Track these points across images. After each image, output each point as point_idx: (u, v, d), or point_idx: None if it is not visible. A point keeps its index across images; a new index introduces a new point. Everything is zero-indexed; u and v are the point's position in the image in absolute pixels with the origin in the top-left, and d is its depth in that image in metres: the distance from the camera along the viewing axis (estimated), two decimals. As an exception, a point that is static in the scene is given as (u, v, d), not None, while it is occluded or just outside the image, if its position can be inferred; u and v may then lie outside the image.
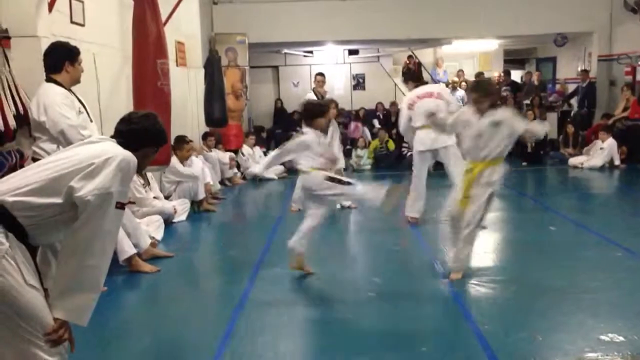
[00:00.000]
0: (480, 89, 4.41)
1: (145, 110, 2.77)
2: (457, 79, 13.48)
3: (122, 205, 2.37)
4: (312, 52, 14.75)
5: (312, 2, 11.57)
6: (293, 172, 7.86)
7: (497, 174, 4.31)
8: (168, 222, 6.24)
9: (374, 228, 6.33)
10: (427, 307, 3.97)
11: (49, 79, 4.08)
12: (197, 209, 7.15)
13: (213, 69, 9.36)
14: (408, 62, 15.13)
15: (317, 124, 4.49)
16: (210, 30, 11.08)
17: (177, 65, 8.02)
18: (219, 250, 5.90)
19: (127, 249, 4.68)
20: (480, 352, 3.18)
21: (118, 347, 3.46)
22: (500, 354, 3.13)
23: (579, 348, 3.19)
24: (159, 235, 5.72)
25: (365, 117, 13.23)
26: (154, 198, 6.23)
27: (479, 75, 13.12)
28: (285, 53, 14.52)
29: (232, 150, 9.75)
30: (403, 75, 14.33)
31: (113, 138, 2.55)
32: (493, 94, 4.44)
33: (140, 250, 4.88)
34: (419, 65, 14.64)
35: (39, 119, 4.00)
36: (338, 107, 6.47)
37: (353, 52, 14.85)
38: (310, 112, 4.55)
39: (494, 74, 14.75)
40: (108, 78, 5.79)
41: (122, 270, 4.69)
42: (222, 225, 6.97)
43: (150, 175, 6.33)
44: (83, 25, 5.31)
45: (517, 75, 15.39)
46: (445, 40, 13.30)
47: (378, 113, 13.32)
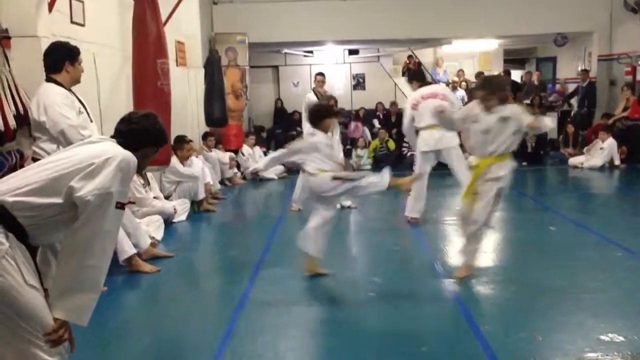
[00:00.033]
0: (487, 87, 4.36)
1: (146, 110, 2.77)
2: (457, 79, 13.48)
3: (122, 205, 2.37)
4: (312, 52, 14.74)
5: (312, 2, 11.57)
6: (293, 172, 7.87)
7: (504, 170, 4.29)
8: (168, 222, 6.24)
9: (374, 228, 6.34)
10: (427, 307, 3.96)
11: (49, 79, 4.08)
12: (197, 209, 7.15)
13: (213, 69, 9.36)
14: (408, 62, 15.15)
15: (324, 125, 4.44)
16: (210, 30, 11.08)
17: (177, 65, 8.02)
18: (219, 250, 5.90)
19: (127, 249, 4.69)
20: (480, 352, 3.18)
21: (118, 347, 3.46)
22: (500, 354, 3.13)
23: (579, 348, 3.19)
24: (159, 235, 5.72)
25: (365, 117, 13.22)
26: (154, 198, 6.23)
27: (479, 75, 13.11)
28: (285, 53, 14.52)
29: (232, 150, 9.76)
30: (407, 75, 14.33)
31: (113, 138, 2.55)
32: (501, 90, 4.36)
33: (140, 250, 4.88)
34: (419, 65, 14.64)
35: (39, 119, 4.00)
36: (337, 103, 6.45)
37: (353, 52, 14.84)
38: (318, 113, 4.50)
39: (494, 74, 14.72)
40: (108, 78, 5.79)
41: (122, 270, 4.69)
42: (222, 225, 6.97)
43: (150, 175, 6.33)
44: (83, 25, 5.31)
45: (517, 75, 15.37)
46: (445, 40, 13.30)
47: (378, 113, 13.32)
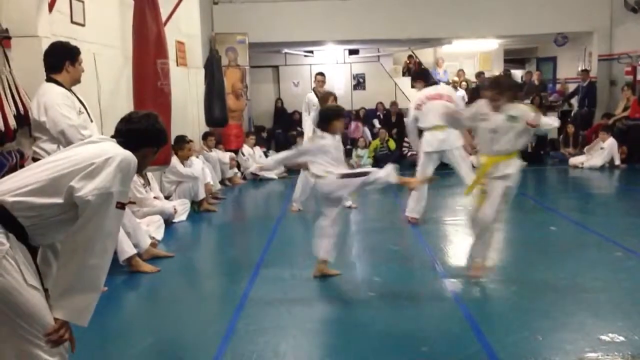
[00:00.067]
0: (495, 87, 4.33)
1: (146, 110, 2.76)
2: (457, 79, 13.48)
3: (122, 205, 2.37)
4: (312, 52, 14.73)
5: (312, 2, 11.57)
6: (293, 172, 7.87)
7: (511, 168, 4.29)
8: (168, 222, 6.24)
9: (374, 228, 6.34)
10: (427, 307, 3.97)
11: (50, 79, 4.08)
12: (197, 209, 7.15)
13: (213, 69, 9.35)
14: (408, 62, 15.13)
15: (333, 128, 4.42)
16: (211, 30, 11.08)
17: (177, 65, 8.02)
18: (219, 250, 5.90)
19: (127, 249, 4.69)
20: (481, 352, 3.18)
21: (118, 347, 3.46)
22: (501, 354, 3.13)
23: (580, 348, 3.19)
24: (159, 236, 5.72)
25: (366, 117, 13.23)
26: (154, 198, 6.24)
27: (479, 75, 13.13)
28: (286, 53, 14.51)
29: (232, 150, 9.76)
30: (412, 74, 14.28)
31: (113, 138, 2.55)
32: (510, 90, 4.34)
33: (141, 251, 4.88)
34: (419, 65, 14.62)
35: (39, 119, 4.00)
36: (336, 99, 6.46)
37: (353, 52, 14.83)
38: (326, 116, 4.49)
39: (494, 74, 14.72)
40: (108, 78, 5.79)
41: (122, 271, 4.69)
42: (222, 226, 6.97)
43: (151, 175, 6.33)
44: (83, 25, 5.31)
45: (517, 75, 15.36)
46: (446, 40, 13.29)
47: (378, 113, 13.32)
